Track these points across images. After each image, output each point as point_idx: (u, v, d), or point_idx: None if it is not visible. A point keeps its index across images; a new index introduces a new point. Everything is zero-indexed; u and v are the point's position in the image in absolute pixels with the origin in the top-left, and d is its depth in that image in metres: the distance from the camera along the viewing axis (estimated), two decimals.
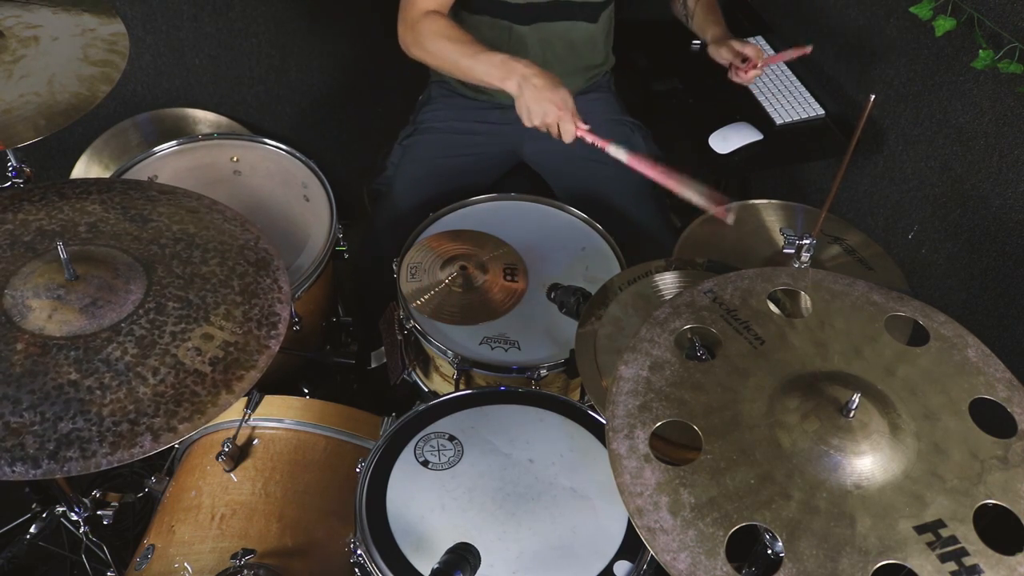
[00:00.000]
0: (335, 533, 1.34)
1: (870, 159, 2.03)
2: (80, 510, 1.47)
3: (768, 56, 1.94)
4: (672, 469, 0.91)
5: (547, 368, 1.46)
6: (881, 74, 1.94)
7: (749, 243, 1.54)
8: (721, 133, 1.92)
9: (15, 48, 1.48)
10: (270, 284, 1.24)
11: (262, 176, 1.81)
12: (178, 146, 1.84)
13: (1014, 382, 1.01)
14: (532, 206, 1.77)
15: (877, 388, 0.99)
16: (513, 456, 1.28)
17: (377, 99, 2.47)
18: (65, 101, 1.42)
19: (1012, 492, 0.91)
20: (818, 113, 1.97)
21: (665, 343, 1.03)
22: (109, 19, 1.57)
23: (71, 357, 1.08)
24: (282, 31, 2.30)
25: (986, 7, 1.60)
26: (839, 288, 1.11)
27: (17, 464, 0.99)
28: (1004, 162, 1.67)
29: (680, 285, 1.40)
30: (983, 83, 1.68)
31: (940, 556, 0.86)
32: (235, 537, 1.33)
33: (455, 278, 1.57)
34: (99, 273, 1.16)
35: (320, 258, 1.67)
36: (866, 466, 0.91)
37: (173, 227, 1.29)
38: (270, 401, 1.48)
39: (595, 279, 1.55)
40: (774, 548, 1.01)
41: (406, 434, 1.30)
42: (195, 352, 1.12)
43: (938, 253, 1.90)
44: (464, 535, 1.15)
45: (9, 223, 1.26)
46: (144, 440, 1.03)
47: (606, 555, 1.16)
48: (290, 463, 1.43)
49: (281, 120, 2.48)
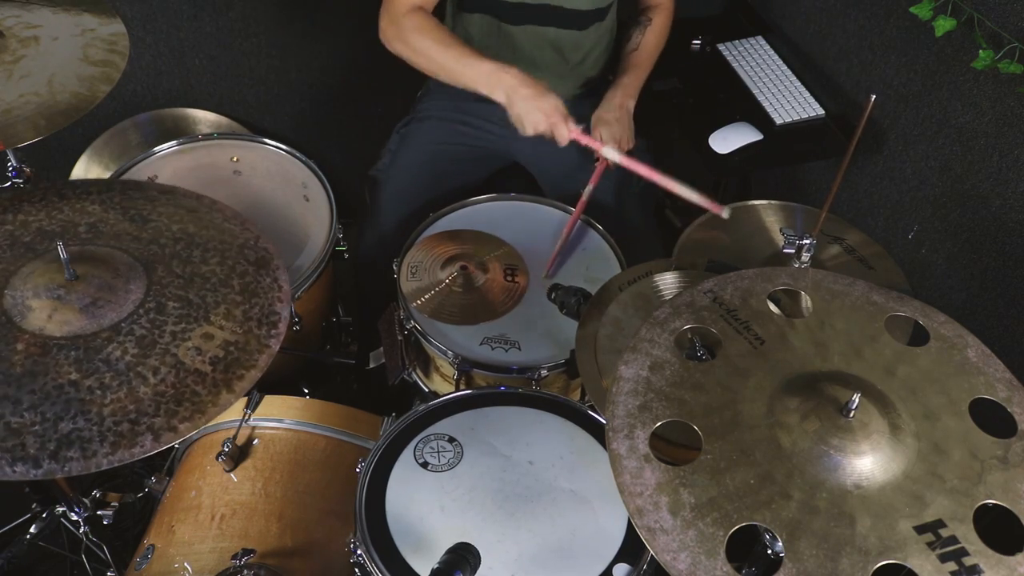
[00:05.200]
0: (335, 533, 1.34)
1: (870, 159, 2.03)
2: (80, 510, 1.47)
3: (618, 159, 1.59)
4: (672, 469, 0.91)
5: (547, 368, 1.46)
6: (881, 74, 1.94)
7: (749, 243, 1.54)
8: (721, 133, 1.92)
9: (15, 48, 1.48)
10: (270, 283, 1.24)
11: (262, 176, 1.81)
12: (178, 146, 1.84)
13: (1014, 382, 1.01)
14: (532, 206, 1.77)
15: (877, 388, 0.99)
16: (513, 458, 1.28)
17: (377, 99, 2.47)
18: (65, 101, 1.42)
19: (1012, 492, 0.91)
20: (818, 113, 1.97)
21: (665, 343, 1.03)
22: (109, 19, 1.57)
23: (71, 357, 1.08)
24: (282, 31, 2.30)
25: (986, 7, 1.60)
26: (839, 288, 1.11)
27: (18, 464, 0.99)
28: (1004, 162, 1.67)
29: (680, 285, 1.40)
30: (983, 83, 1.68)
31: (940, 556, 0.86)
32: (235, 537, 1.33)
33: (455, 278, 1.57)
34: (99, 273, 1.16)
35: (320, 258, 1.67)
36: (866, 466, 0.91)
37: (173, 227, 1.29)
38: (270, 401, 1.48)
39: (595, 279, 1.55)
40: (774, 548, 1.01)
41: (406, 435, 1.30)
42: (195, 352, 1.12)
43: (938, 253, 1.90)
44: (463, 536, 1.15)
45: (9, 223, 1.26)
46: (145, 440, 1.03)
47: (606, 558, 1.16)
48: (290, 463, 1.43)
49: (281, 120, 2.48)
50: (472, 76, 1.59)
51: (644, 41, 1.86)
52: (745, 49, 2.14)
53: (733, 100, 2.01)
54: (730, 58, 2.12)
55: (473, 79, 1.60)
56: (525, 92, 1.54)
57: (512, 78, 1.56)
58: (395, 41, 1.67)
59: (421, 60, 1.67)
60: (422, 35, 1.63)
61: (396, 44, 1.67)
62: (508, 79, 1.56)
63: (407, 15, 1.65)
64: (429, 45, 1.63)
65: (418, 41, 1.64)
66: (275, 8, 2.25)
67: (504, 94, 1.57)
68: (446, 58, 1.62)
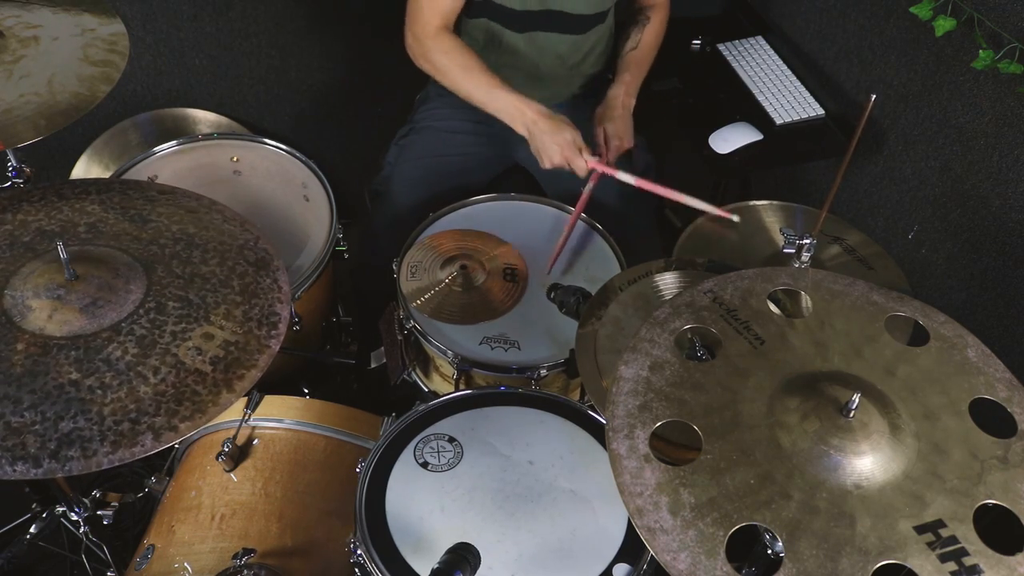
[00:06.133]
0: (335, 533, 1.34)
1: (870, 159, 2.03)
2: (80, 510, 1.47)
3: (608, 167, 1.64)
4: (672, 469, 0.91)
5: (547, 368, 1.46)
6: (881, 74, 1.94)
7: (749, 243, 1.54)
8: (721, 133, 1.92)
9: (15, 48, 1.48)
10: (270, 284, 1.24)
11: (262, 176, 1.81)
12: (178, 146, 1.84)
13: (1014, 382, 1.01)
14: (532, 206, 1.77)
15: (877, 388, 0.99)
16: (513, 458, 1.28)
17: (377, 99, 2.47)
18: (65, 101, 1.42)
19: (1012, 492, 0.91)
20: (818, 113, 1.97)
21: (665, 343, 1.03)
22: (109, 19, 1.57)
23: (72, 357, 1.08)
24: (282, 31, 2.30)
25: (986, 7, 1.60)
26: (839, 288, 1.11)
27: (18, 463, 0.99)
28: (1004, 162, 1.67)
29: (680, 285, 1.40)
30: (983, 83, 1.68)
31: (940, 556, 0.86)
32: (235, 537, 1.33)
33: (455, 278, 1.57)
34: (99, 273, 1.16)
35: (320, 258, 1.67)
36: (866, 466, 0.91)
37: (173, 227, 1.29)
38: (270, 401, 1.48)
39: (595, 279, 1.55)
40: (774, 548, 1.01)
41: (406, 435, 1.30)
42: (196, 351, 1.12)
43: (938, 253, 1.90)
44: (463, 536, 1.15)
45: (9, 223, 1.26)
46: (145, 439, 1.03)
47: (605, 558, 1.16)
48: (290, 463, 1.43)
49: (281, 120, 2.48)
50: (496, 108, 1.67)
51: (643, 40, 1.87)
52: (745, 49, 2.14)
53: (733, 100, 2.01)
54: (730, 58, 2.12)
55: (497, 110, 1.67)
56: (544, 125, 1.61)
57: (533, 113, 1.62)
58: (421, 59, 1.73)
59: (446, 81, 1.73)
60: (448, 59, 1.69)
61: (422, 62, 1.74)
62: (529, 114, 1.63)
63: (433, 38, 1.70)
64: (454, 71, 1.70)
65: (444, 64, 1.70)
66: (275, 8, 2.25)
67: (525, 128, 1.64)
68: (471, 86, 1.69)
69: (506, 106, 1.65)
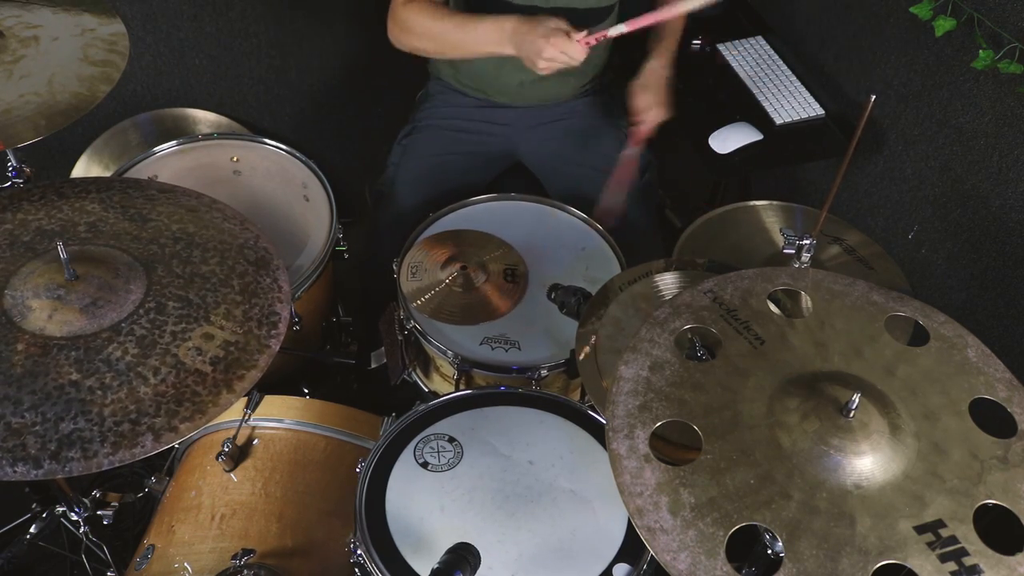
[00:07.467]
0: (335, 533, 1.34)
1: (870, 159, 2.03)
2: (80, 510, 1.47)
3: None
4: (672, 469, 0.91)
5: (547, 368, 1.46)
6: (881, 74, 1.94)
7: (749, 243, 1.54)
8: (721, 133, 1.92)
9: (15, 48, 1.48)
10: (270, 284, 1.24)
11: (262, 176, 1.81)
12: (178, 146, 1.84)
13: (1014, 382, 1.01)
14: (532, 206, 1.77)
15: (877, 388, 0.99)
16: (513, 458, 1.28)
17: (377, 99, 2.47)
18: (65, 101, 1.42)
19: (1012, 492, 0.91)
20: (818, 113, 1.96)
21: (665, 343, 1.03)
22: (109, 19, 1.57)
23: (72, 357, 1.08)
24: (282, 31, 2.30)
25: (986, 7, 1.60)
26: (839, 288, 1.11)
27: (19, 464, 0.99)
28: (1004, 162, 1.67)
29: (680, 285, 1.40)
30: (983, 83, 1.68)
31: (940, 556, 0.86)
32: (235, 537, 1.33)
33: (455, 278, 1.57)
34: (99, 273, 1.16)
35: (320, 258, 1.67)
36: (866, 466, 0.91)
37: (173, 227, 1.29)
38: (270, 401, 1.48)
39: (595, 279, 1.55)
40: (774, 548, 1.01)
41: (406, 435, 1.30)
42: (196, 352, 1.12)
43: (938, 253, 1.90)
44: (463, 537, 1.15)
45: (9, 223, 1.26)
46: (145, 440, 1.03)
47: (606, 558, 1.16)
48: (290, 463, 1.43)
49: (281, 120, 2.48)
50: (476, 40, 1.61)
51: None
52: (745, 49, 2.14)
53: (733, 100, 2.01)
54: (730, 58, 2.12)
55: (478, 42, 1.62)
56: (525, 28, 1.55)
57: (511, 25, 1.57)
58: (400, 35, 1.69)
59: (426, 43, 1.68)
60: (418, 16, 1.65)
61: (401, 38, 1.70)
62: (508, 27, 1.57)
63: (403, 6, 1.67)
64: (426, 22, 1.65)
65: (416, 23, 1.66)
66: (275, 8, 2.25)
67: (511, 44, 1.58)
68: (446, 30, 1.64)
69: (484, 33, 1.60)
